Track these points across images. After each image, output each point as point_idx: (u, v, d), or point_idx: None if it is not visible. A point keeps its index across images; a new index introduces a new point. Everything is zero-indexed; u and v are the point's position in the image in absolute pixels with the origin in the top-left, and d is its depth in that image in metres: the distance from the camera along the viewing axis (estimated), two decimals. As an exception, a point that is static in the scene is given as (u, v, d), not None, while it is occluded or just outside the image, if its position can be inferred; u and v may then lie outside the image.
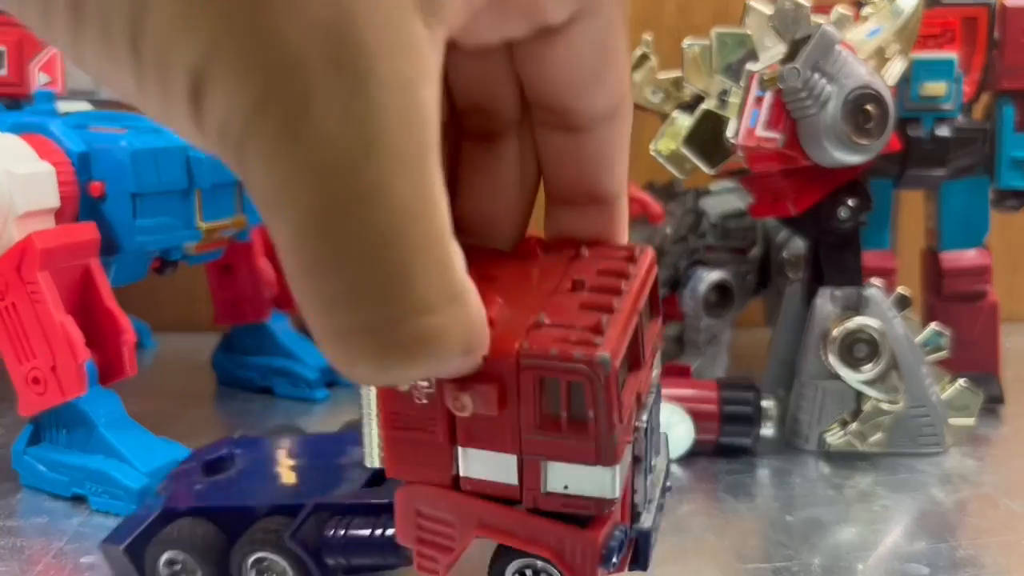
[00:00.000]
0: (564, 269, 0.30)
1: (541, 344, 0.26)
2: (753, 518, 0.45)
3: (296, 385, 0.63)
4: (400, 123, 0.19)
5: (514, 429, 0.27)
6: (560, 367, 0.26)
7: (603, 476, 0.27)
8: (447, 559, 0.29)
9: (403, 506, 0.30)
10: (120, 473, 0.45)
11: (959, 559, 0.40)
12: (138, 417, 0.48)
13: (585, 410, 0.26)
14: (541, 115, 0.29)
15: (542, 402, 0.27)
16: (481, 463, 0.28)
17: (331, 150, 0.19)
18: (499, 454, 0.28)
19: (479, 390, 0.26)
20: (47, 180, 0.45)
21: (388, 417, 0.28)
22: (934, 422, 0.52)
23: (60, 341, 0.44)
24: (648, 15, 0.76)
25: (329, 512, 0.36)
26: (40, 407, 0.46)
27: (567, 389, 0.26)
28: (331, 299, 0.20)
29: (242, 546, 0.36)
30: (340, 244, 0.19)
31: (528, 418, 0.27)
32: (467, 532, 0.29)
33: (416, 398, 0.27)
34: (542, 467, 0.27)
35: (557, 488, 0.28)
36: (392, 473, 0.29)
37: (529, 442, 0.27)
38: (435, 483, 0.29)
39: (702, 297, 0.61)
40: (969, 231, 0.59)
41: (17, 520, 0.45)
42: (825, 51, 0.45)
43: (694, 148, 0.52)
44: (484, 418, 0.27)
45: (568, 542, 0.28)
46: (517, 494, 0.28)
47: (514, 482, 0.28)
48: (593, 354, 0.25)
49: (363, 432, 0.29)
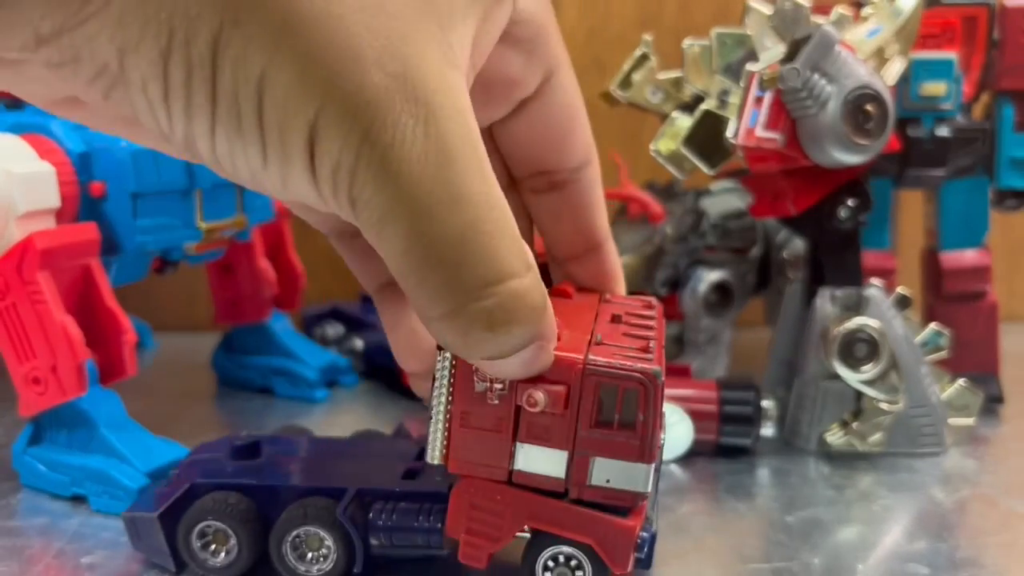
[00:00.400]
0: (597, 308, 0.37)
1: (603, 356, 0.32)
2: (753, 518, 0.45)
3: (296, 385, 0.63)
4: (463, 139, 0.25)
5: (571, 428, 0.32)
6: (620, 375, 0.31)
7: (641, 472, 0.32)
8: (492, 548, 0.34)
9: (459, 499, 0.34)
10: (120, 473, 0.45)
11: (959, 559, 0.40)
12: (138, 417, 0.48)
13: (635, 414, 0.32)
14: (530, 183, 0.37)
15: (599, 406, 0.32)
16: (535, 458, 0.33)
17: (421, 164, 0.24)
18: (553, 450, 0.32)
19: (552, 390, 0.31)
20: (48, 180, 0.45)
21: (461, 415, 0.32)
22: (934, 422, 0.52)
23: (60, 341, 0.45)
24: (648, 15, 0.76)
25: (372, 497, 0.37)
26: (40, 407, 0.46)
27: (622, 395, 0.32)
28: (441, 286, 0.26)
29: (286, 521, 0.37)
30: (440, 238, 0.25)
31: (586, 418, 0.32)
32: (517, 523, 0.33)
33: (489, 399, 0.32)
34: (590, 463, 0.32)
35: (600, 482, 0.32)
36: (455, 468, 0.33)
37: (583, 439, 0.32)
38: (493, 479, 0.33)
39: (702, 297, 0.61)
40: (969, 231, 0.59)
41: (17, 520, 0.45)
42: (825, 51, 0.45)
43: (694, 148, 0.52)
44: (547, 417, 0.32)
45: (608, 531, 0.33)
46: (562, 487, 0.33)
47: (562, 476, 0.33)
48: (649, 367, 0.31)
49: (428, 429, 0.33)
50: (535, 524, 0.33)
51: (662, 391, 0.32)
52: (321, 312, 0.72)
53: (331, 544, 0.37)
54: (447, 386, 0.32)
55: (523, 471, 0.33)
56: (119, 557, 0.41)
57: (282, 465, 0.40)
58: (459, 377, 0.32)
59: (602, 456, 0.32)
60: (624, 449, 0.32)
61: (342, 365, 0.66)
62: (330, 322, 0.71)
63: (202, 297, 0.70)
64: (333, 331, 0.70)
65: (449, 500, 0.34)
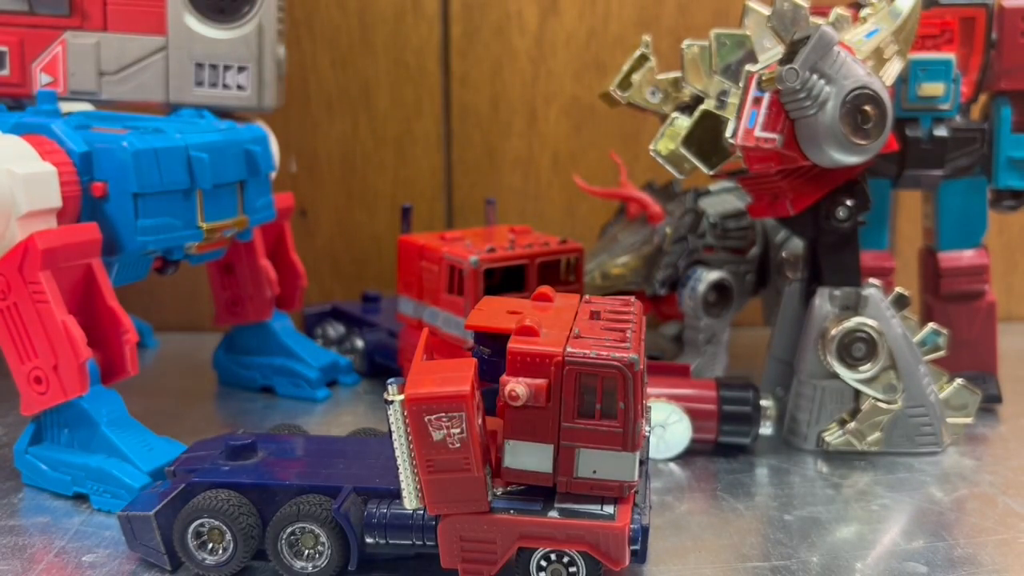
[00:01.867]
0: (577, 308, 0.38)
1: (582, 348, 0.32)
2: (752, 517, 0.45)
3: (297, 385, 0.63)
4: None
5: (555, 421, 0.33)
6: (598, 365, 0.32)
7: (627, 461, 0.33)
8: (491, 570, 0.34)
9: (446, 535, 0.34)
10: (122, 472, 0.45)
11: (957, 557, 0.41)
12: (140, 416, 0.48)
13: (616, 403, 0.32)
14: None
15: (580, 397, 0.32)
16: (522, 454, 0.33)
17: None
18: (539, 444, 0.33)
19: (533, 383, 0.32)
20: (49, 180, 0.45)
21: (426, 464, 0.33)
22: (932, 421, 0.52)
23: (62, 341, 0.45)
24: (648, 15, 0.76)
25: (368, 495, 0.37)
26: (42, 406, 0.46)
27: (602, 384, 0.32)
28: None
29: (282, 518, 0.37)
30: None
31: (568, 410, 0.32)
32: (509, 545, 0.34)
33: (450, 444, 0.32)
34: (575, 455, 0.33)
35: (587, 473, 0.33)
36: (434, 510, 0.34)
37: (567, 431, 0.33)
38: (474, 512, 0.33)
39: (701, 297, 0.61)
40: (967, 231, 0.59)
41: (19, 519, 0.45)
42: (823, 52, 0.45)
43: (693, 149, 0.52)
44: (531, 412, 0.33)
45: (600, 535, 0.33)
46: (550, 481, 0.34)
47: (548, 470, 0.33)
48: (626, 355, 0.32)
49: (399, 478, 0.33)
50: (527, 543, 0.34)
51: (641, 378, 0.32)
52: (322, 312, 0.72)
53: (326, 541, 0.37)
54: (405, 436, 0.32)
55: (511, 468, 0.34)
56: (121, 556, 0.41)
57: (278, 463, 0.40)
58: (415, 430, 0.32)
59: (587, 447, 0.33)
60: (608, 439, 0.33)
61: (343, 365, 0.66)
62: (331, 322, 0.71)
63: (203, 297, 0.70)
64: (334, 331, 0.70)
65: (437, 535, 0.34)
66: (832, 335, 0.51)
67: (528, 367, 0.32)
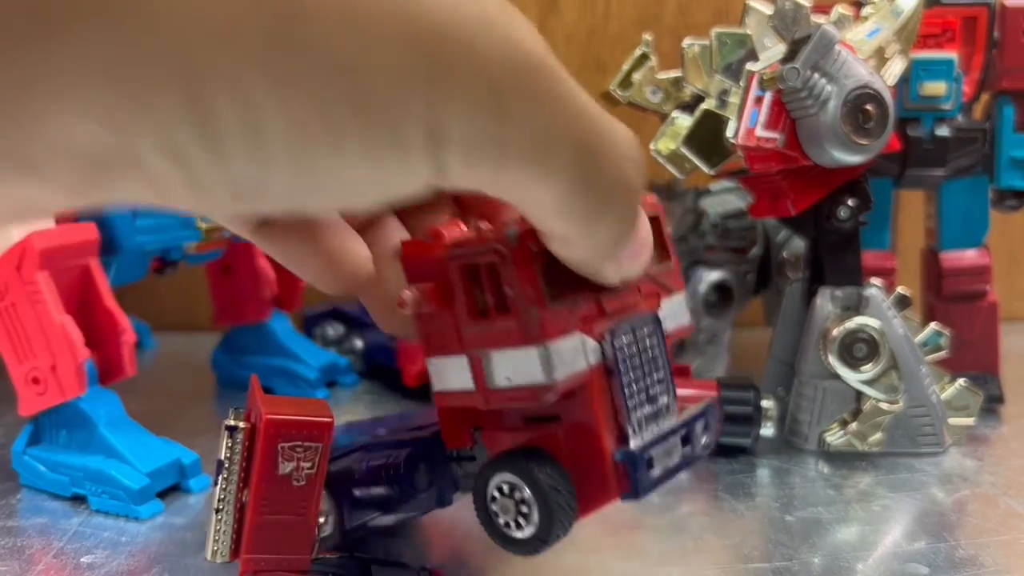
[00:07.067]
0: None
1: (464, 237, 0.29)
2: (753, 518, 0.45)
3: (296, 385, 0.63)
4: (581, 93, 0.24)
5: (456, 326, 0.29)
6: (477, 251, 0.28)
7: (533, 358, 0.28)
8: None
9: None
10: (120, 473, 0.45)
11: (959, 558, 0.40)
12: (138, 417, 0.48)
13: (505, 291, 0.28)
14: None
15: (472, 293, 0.29)
16: (444, 370, 0.30)
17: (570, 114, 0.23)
18: (454, 357, 0.29)
19: (419, 288, 0.29)
20: (47, 180, 0.45)
21: (259, 503, 0.30)
22: (934, 422, 0.52)
23: (60, 341, 0.45)
24: (648, 15, 0.76)
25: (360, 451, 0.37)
26: (40, 407, 0.46)
27: (488, 274, 0.28)
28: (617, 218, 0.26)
29: None
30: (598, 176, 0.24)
31: (463, 311, 0.29)
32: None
33: (295, 480, 0.30)
34: (485, 361, 0.29)
35: (502, 381, 0.29)
36: (248, 566, 0.31)
37: (468, 336, 0.29)
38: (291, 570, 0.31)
39: (702, 297, 0.61)
40: (969, 231, 0.59)
41: (17, 520, 0.45)
42: (825, 51, 0.45)
43: (694, 148, 0.52)
44: (435, 321, 0.29)
45: None
46: (477, 400, 0.29)
47: (471, 386, 0.29)
48: (503, 233, 0.27)
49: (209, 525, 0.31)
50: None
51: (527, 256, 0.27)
52: (321, 312, 0.72)
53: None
54: (237, 472, 0.31)
55: (441, 391, 0.30)
56: (119, 556, 0.41)
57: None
58: (262, 458, 0.30)
59: (493, 350, 0.29)
60: (507, 335, 0.28)
61: (342, 365, 0.66)
62: (330, 322, 0.71)
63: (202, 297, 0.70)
64: (333, 331, 0.70)
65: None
66: (833, 335, 0.51)
67: (421, 272, 0.29)
